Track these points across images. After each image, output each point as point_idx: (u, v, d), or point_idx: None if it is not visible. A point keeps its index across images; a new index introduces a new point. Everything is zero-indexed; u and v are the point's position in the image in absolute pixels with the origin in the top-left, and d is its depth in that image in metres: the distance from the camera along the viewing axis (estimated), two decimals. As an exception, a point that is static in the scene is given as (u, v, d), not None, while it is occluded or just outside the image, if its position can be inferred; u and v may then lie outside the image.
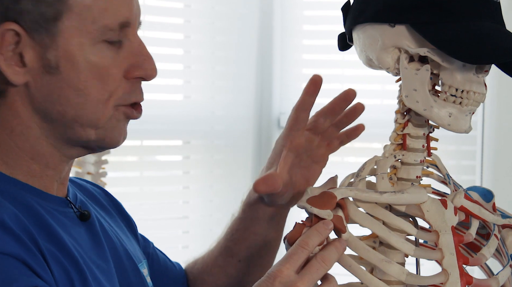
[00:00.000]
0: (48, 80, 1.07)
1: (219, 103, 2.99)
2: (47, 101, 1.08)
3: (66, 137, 1.11)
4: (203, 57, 2.96)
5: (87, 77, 1.07)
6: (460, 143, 2.88)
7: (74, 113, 1.08)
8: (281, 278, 1.04)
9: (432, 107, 1.14)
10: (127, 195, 2.82)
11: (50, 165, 1.12)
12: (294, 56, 3.07)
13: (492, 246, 1.17)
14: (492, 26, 1.11)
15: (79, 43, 1.06)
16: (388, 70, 1.18)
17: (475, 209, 1.17)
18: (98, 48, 1.07)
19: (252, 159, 3.06)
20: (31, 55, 1.06)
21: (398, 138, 1.20)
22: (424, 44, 1.12)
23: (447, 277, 1.11)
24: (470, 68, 1.12)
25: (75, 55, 1.06)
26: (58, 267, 1.06)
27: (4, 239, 1.01)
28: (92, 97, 1.08)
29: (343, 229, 1.11)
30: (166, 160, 2.96)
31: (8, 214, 1.03)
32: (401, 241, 1.13)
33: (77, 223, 1.16)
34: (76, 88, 1.07)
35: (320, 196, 1.13)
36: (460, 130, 1.15)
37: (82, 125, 1.09)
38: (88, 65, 1.07)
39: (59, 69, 1.07)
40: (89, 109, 1.08)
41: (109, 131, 1.11)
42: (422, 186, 1.19)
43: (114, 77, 1.09)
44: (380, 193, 1.14)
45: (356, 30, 1.19)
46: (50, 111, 1.09)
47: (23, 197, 1.08)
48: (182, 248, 2.93)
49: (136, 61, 1.11)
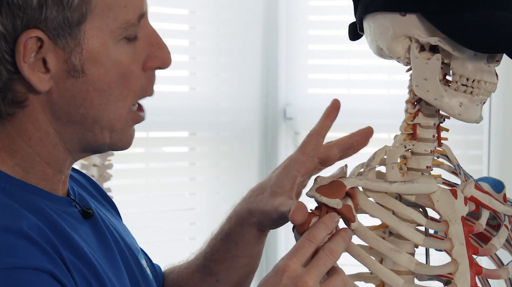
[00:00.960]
0: (72, 83, 1.04)
1: (225, 94, 2.99)
2: (70, 105, 1.05)
3: (83, 141, 1.08)
4: (209, 48, 2.95)
5: (111, 77, 1.05)
6: (467, 132, 2.87)
7: (97, 114, 1.06)
8: (288, 273, 1.04)
9: (443, 96, 1.13)
10: (133, 187, 2.82)
11: (62, 170, 1.10)
12: (299, 47, 3.06)
13: (503, 236, 1.17)
14: (504, 15, 1.10)
15: (103, 43, 1.04)
16: (398, 60, 1.17)
17: (485, 199, 1.17)
18: (120, 45, 1.06)
19: (258, 150, 3.05)
20: (54, 60, 1.03)
21: (409, 128, 1.19)
22: (435, 33, 1.12)
23: (456, 267, 1.11)
24: (481, 58, 1.11)
25: (99, 56, 1.04)
26: (80, 277, 1.03)
27: (31, 252, 0.97)
28: (113, 97, 1.06)
29: (352, 219, 1.11)
30: (172, 152, 2.96)
31: (29, 224, 1.00)
32: (411, 231, 1.12)
33: (81, 222, 1.13)
34: (101, 89, 1.05)
35: (329, 185, 1.12)
36: (470, 120, 1.14)
37: (101, 127, 1.07)
38: (113, 65, 1.05)
39: (84, 71, 1.04)
40: (110, 109, 1.07)
41: (122, 135, 1.09)
42: (432, 176, 1.18)
43: (135, 73, 1.07)
44: (390, 183, 1.13)
45: (367, 19, 1.18)
46: (73, 115, 1.06)
47: (33, 201, 1.06)
48: (189, 240, 2.93)
49: (151, 51, 1.09)
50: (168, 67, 1.10)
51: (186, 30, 2.93)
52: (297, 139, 3.08)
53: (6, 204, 1.02)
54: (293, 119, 3.07)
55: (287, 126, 3.08)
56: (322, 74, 3.09)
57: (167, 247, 2.84)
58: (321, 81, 3.11)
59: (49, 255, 0.99)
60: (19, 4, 0.99)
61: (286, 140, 3.09)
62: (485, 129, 2.79)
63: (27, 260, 0.96)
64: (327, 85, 3.08)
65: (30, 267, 0.96)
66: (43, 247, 0.99)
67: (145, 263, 1.27)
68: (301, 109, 3.06)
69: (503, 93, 2.72)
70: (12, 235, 0.97)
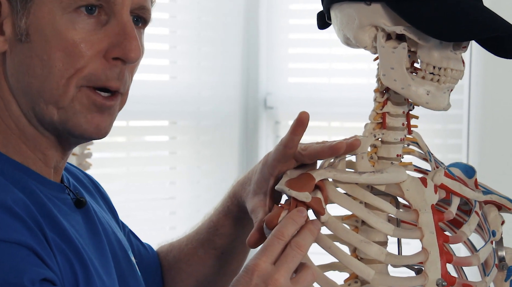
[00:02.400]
0: (20, 49, 1.04)
1: (206, 83, 2.98)
2: (19, 72, 1.05)
3: (38, 116, 1.07)
4: (189, 37, 2.95)
5: (53, 47, 1.03)
6: (446, 121, 2.88)
7: (39, 85, 1.05)
8: (258, 272, 1.04)
9: (410, 85, 1.13)
10: (113, 176, 2.81)
11: (38, 148, 1.09)
12: (280, 35, 3.06)
13: (473, 223, 1.17)
14: (468, 2, 1.10)
15: (49, 11, 1.03)
16: (365, 49, 1.17)
17: (456, 186, 1.17)
18: (70, 18, 1.03)
19: (239, 139, 3.05)
20: (8, 24, 1.04)
21: (378, 117, 1.19)
22: (400, 22, 1.12)
23: (427, 256, 1.11)
24: (447, 45, 1.12)
25: (43, 24, 1.03)
26: (63, 259, 1.02)
27: (13, 226, 0.96)
28: (56, 70, 1.04)
29: (322, 211, 1.11)
30: (153, 141, 2.95)
31: (15, 199, 0.99)
32: (380, 221, 1.12)
33: (73, 209, 1.13)
34: (41, 58, 1.04)
35: (298, 178, 1.13)
36: (438, 108, 1.15)
37: (45, 101, 1.05)
38: (56, 35, 1.03)
39: (29, 37, 1.04)
40: (52, 83, 1.04)
41: (71, 115, 1.06)
42: (403, 165, 1.19)
43: (83, 52, 1.04)
44: (359, 174, 1.14)
45: (334, 8, 1.18)
46: (21, 83, 1.05)
47: (25, 181, 1.05)
48: (169, 229, 2.92)
49: (116, 41, 1.06)
50: (131, 62, 1.07)
51: (167, 18, 2.92)
52: (278, 128, 3.08)
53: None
54: (274, 108, 3.07)
55: (268, 115, 3.08)
56: (303, 63, 3.09)
57: (147, 236, 2.82)
58: (301, 70, 3.11)
59: (32, 231, 0.98)
60: None
61: (267, 129, 3.09)
62: (464, 118, 2.81)
63: (8, 233, 0.95)
64: (308, 74, 3.08)
65: (10, 241, 0.95)
66: (26, 223, 0.98)
67: (135, 260, 1.26)
68: (282, 98, 3.06)
69: (482, 81, 2.73)
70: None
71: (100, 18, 1.06)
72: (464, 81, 2.77)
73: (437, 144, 2.89)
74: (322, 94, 2.99)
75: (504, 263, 1.22)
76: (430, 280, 1.10)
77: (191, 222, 1.39)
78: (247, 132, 3.08)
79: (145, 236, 3.07)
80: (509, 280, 1.23)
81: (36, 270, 0.95)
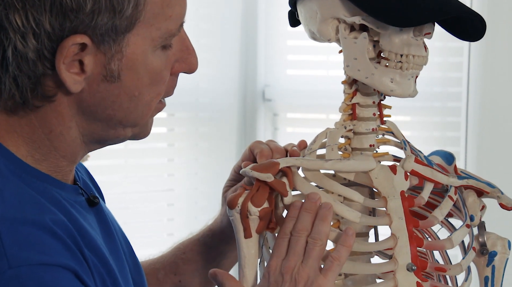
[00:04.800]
0: (105, 87, 1.02)
1: (204, 75, 2.98)
2: (99, 105, 1.03)
3: (104, 136, 1.07)
4: (188, 29, 2.93)
5: (144, 84, 1.04)
6: (445, 114, 2.88)
7: (123, 116, 1.05)
8: (271, 271, 1.09)
9: (374, 74, 1.14)
10: (111, 168, 2.81)
11: (75, 161, 1.08)
12: (278, 28, 3.05)
13: (445, 207, 1.18)
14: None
15: (143, 52, 1.02)
16: (330, 41, 1.19)
17: (427, 172, 1.18)
18: (157, 53, 1.04)
19: (237, 131, 3.05)
20: (92, 64, 1.00)
21: (348, 108, 1.20)
22: (358, 12, 1.13)
23: (395, 241, 1.12)
24: (407, 32, 1.12)
25: (137, 64, 1.02)
26: (98, 275, 1.02)
27: (56, 248, 0.96)
28: (144, 102, 1.06)
29: (285, 193, 1.12)
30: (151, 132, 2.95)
31: (55, 219, 0.98)
32: (346, 209, 1.13)
33: (88, 210, 1.11)
34: (131, 95, 1.04)
35: (262, 163, 1.15)
36: (404, 95, 1.15)
37: (125, 126, 1.06)
38: (147, 73, 1.04)
39: (120, 77, 1.02)
40: (138, 112, 1.06)
41: (144, 127, 1.10)
42: (378, 155, 1.19)
43: (165, 79, 1.07)
44: (325, 161, 1.15)
45: (298, 5, 1.20)
46: (99, 114, 1.04)
47: (49, 192, 1.03)
48: (167, 221, 2.92)
49: (181, 56, 1.08)
50: (194, 72, 1.11)
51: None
52: (276, 120, 3.08)
53: (29, 195, 1.00)
54: (272, 100, 3.07)
55: (266, 107, 3.08)
56: (301, 55, 3.09)
57: (145, 228, 2.83)
58: (300, 63, 3.10)
59: (73, 253, 0.98)
60: (72, 7, 0.96)
61: (265, 121, 3.09)
62: (463, 111, 2.81)
63: (53, 257, 0.95)
64: (306, 66, 3.08)
65: (56, 264, 0.95)
66: (67, 244, 0.98)
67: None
68: (280, 90, 3.06)
69: (481, 74, 2.73)
70: (38, 230, 0.96)
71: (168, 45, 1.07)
72: (463, 74, 2.77)
73: (436, 137, 2.89)
74: (321, 86, 2.99)
75: (485, 248, 1.23)
76: (400, 265, 1.11)
77: (189, 214, 1.39)
78: (245, 124, 3.07)
79: (143, 228, 3.07)
80: (491, 265, 1.24)
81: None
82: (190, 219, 2.88)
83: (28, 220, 0.96)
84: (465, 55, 2.76)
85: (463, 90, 2.79)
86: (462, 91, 2.79)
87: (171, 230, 2.85)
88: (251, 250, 1.13)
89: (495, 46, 2.62)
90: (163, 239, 2.80)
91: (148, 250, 1.47)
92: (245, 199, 1.12)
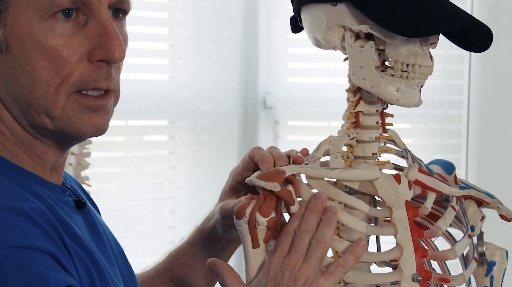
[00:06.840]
0: (2, 59, 1.02)
1: (205, 83, 2.98)
2: (5, 81, 1.03)
3: (33, 124, 1.05)
4: (188, 36, 2.94)
5: (35, 58, 1.01)
6: (446, 122, 2.88)
7: (26, 96, 1.02)
8: (272, 267, 1.08)
9: (379, 83, 1.14)
10: (112, 176, 2.81)
11: (34, 152, 1.07)
12: (279, 35, 3.06)
13: (448, 217, 1.17)
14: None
15: (26, 21, 1.00)
16: (335, 49, 1.18)
17: (430, 182, 1.18)
18: (48, 25, 1.01)
19: (238, 139, 3.05)
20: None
21: (351, 116, 1.20)
22: (365, 20, 1.13)
23: (401, 251, 1.12)
24: (414, 42, 1.12)
25: (22, 34, 1.00)
26: (81, 265, 1.02)
27: (35, 233, 0.96)
28: (41, 80, 1.01)
29: (292, 202, 1.12)
30: (152, 140, 2.95)
31: (33, 207, 0.98)
32: (352, 219, 1.13)
33: (75, 211, 1.11)
34: (24, 69, 1.01)
35: (268, 172, 1.14)
36: (409, 104, 1.15)
37: (36, 111, 1.03)
38: (36, 45, 1.00)
39: (9, 48, 1.01)
40: (39, 93, 1.02)
41: (65, 122, 1.04)
42: (380, 163, 1.19)
43: (67, 59, 1.01)
44: (331, 169, 1.14)
45: (303, 11, 1.20)
46: (9, 92, 1.03)
47: (32, 188, 1.03)
48: (168, 229, 2.92)
49: (99, 42, 1.02)
50: (116, 62, 1.04)
51: (166, 18, 2.92)
52: (277, 128, 3.08)
53: (8, 185, 1.00)
54: (273, 108, 3.07)
55: (267, 115, 3.08)
56: (302, 63, 3.09)
57: (146, 236, 2.83)
58: (301, 70, 3.10)
59: (52, 239, 0.98)
60: None
61: (266, 129, 3.09)
62: (464, 118, 2.81)
63: (32, 241, 0.95)
64: (307, 74, 3.08)
65: (35, 248, 0.94)
66: (46, 230, 0.97)
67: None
68: (281, 98, 3.06)
69: (482, 81, 2.73)
70: (16, 215, 0.96)
71: (79, 20, 1.03)
72: (464, 82, 2.77)
73: (436, 144, 2.88)
74: (322, 93, 2.99)
75: (484, 258, 1.23)
76: (406, 275, 1.11)
77: (190, 221, 1.39)
78: (246, 132, 3.07)
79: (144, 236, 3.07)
80: (489, 275, 1.24)
81: (61, 277, 0.95)
82: (191, 227, 2.88)
83: (5, 206, 0.96)
84: (466, 63, 2.76)
85: (464, 98, 2.79)
86: (463, 98, 2.79)
87: (172, 238, 2.85)
88: (259, 259, 1.13)
89: (495, 54, 2.63)
90: (164, 247, 2.79)
91: (149, 257, 1.47)
92: (252, 209, 1.11)
